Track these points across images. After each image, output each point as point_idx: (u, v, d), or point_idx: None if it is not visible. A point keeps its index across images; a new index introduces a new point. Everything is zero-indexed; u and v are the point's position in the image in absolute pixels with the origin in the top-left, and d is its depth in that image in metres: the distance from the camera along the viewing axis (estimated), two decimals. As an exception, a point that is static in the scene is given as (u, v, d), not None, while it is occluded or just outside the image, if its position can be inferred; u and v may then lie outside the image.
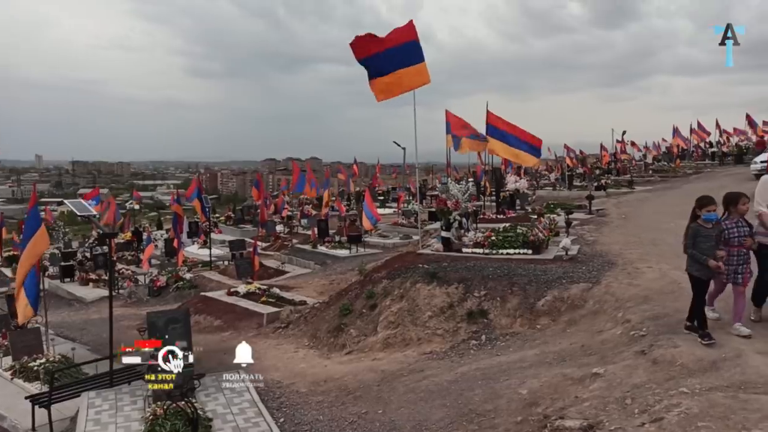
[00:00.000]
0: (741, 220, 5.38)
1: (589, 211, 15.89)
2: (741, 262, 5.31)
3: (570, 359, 6.02)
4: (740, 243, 5.28)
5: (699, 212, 5.24)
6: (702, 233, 5.20)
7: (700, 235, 5.20)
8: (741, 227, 5.34)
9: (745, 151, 34.02)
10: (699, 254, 5.16)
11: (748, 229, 5.36)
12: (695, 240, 5.22)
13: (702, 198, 5.32)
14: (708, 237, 5.17)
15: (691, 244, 5.25)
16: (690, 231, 5.30)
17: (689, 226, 5.33)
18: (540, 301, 7.72)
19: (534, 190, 23.44)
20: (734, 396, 4.05)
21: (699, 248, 5.18)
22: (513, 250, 9.59)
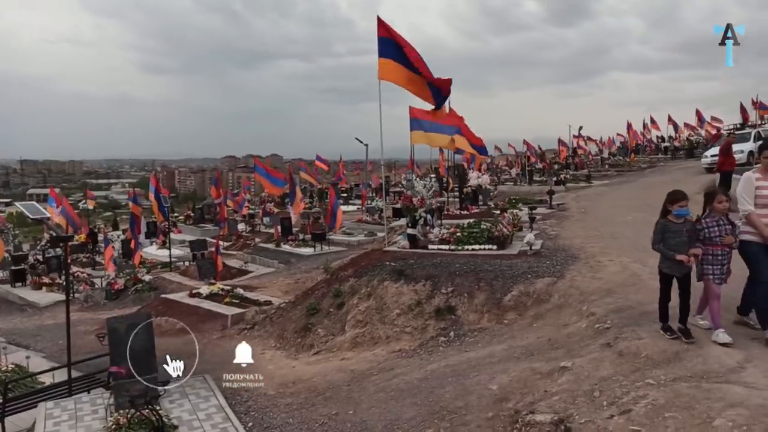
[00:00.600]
0: (722, 219, 5.12)
1: (550, 206, 16.19)
2: (725, 262, 5.09)
3: (538, 353, 6.10)
4: (721, 242, 5.05)
5: (670, 207, 5.07)
6: (671, 229, 5.04)
7: (669, 230, 5.05)
8: (723, 225, 5.08)
9: (695, 145, 35.31)
10: (666, 250, 5.05)
11: (729, 228, 5.12)
12: (663, 236, 5.08)
13: (673, 193, 5.16)
14: (677, 233, 5.01)
15: (659, 240, 5.12)
16: (658, 227, 5.16)
17: (658, 221, 5.19)
18: (506, 296, 7.80)
19: (495, 186, 23.78)
20: (698, 386, 4.17)
21: (667, 244, 5.04)
22: (478, 246, 9.67)
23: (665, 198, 5.20)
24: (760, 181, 5.25)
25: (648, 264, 8.19)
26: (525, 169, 29.03)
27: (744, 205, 5.25)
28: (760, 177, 5.28)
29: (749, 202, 5.23)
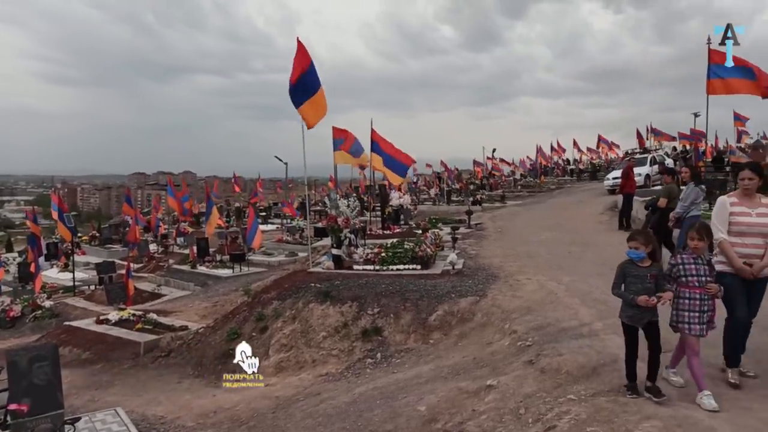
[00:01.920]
0: (701, 258, 4.43)
1: (468, 226, 16.68)
2: (705, 309, 4.32)
3: (464, 372, 6.20)
4: (701, 284, 4.32)
5: (629, 247, 4.44)
6: (632, 272, 4.36)
7: (630, 274, 4.37)
8: (700, 264, 4.38)
9: (598, 168, 37.87)
10: (625, 294, 4.37)
11: (707, 269, 4.39)
12: (624, 280, 4.41)
13: (631, 234, 4.54)
14: (640, 278, 4.31)
15: (619, 284, 4.44)
16: (618, 270, 4.49)
17: (620, 264, 4.52)
18: (432, 316, 7.91)
19: (416, 206, 24.23)
20: (615, 399, 4.39)
21: (629, 291, 4.35)
22: (403, 266, 9.77)
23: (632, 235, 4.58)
24: (735, 206, 4.74)
25: (563, 282, 8.64)
26: (443, 189, 29.81)
27: (716, 233, 4.69)
28: (736, 202, 4.78)
29: (722, 229, 4.72)
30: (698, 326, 4.31)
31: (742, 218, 4.63)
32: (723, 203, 4.83)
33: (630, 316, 4.39)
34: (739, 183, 4.86)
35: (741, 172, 4.88)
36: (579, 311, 6.91)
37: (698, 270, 4.36)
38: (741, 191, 4.85)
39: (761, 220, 4.66)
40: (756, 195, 4.80)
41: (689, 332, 4.32)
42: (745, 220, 4.64)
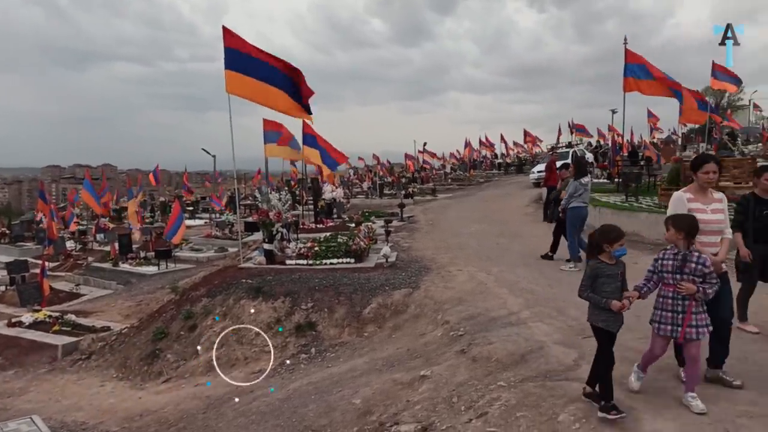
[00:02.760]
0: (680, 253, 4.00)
1: (401, 218, 16.84)
2: (678, 308, 3.96)
3: (398, 364, 6.27)
4: (674, 282, 3.97)
5: (607, 248, 4.02)
6: (604, 272, 4.00)
7: (603, 275, 4.00)
8: (678, 261, 3.99)
9: (524, 162, 39.22)
10: (598, 298, 3.97)
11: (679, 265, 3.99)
12: (594, 282, 4.04)
13: (609, 229, 4.12)
14: (612, 277, 3.99)
15: (588, 286, 4.06)
16: (588, 271, 4.13)
17: (589, 264, 4.20)
18: (366, 309, 7.94)
19: (348, 199, 24.20)
20: (542, 384, 4.57)
21: (600, 292, 3.98)
22: (336, 260, 9.74)
23: (597, 234, 4.15)
24: (692, 203, 4.42)
25: (492, 273, 8.89)
26: (376, 182, 29.94)
27: None
28: (692, 198, 4.45)
29: None
30: (669, 327, 4.00)
31: (699, 215, 4.24)
32: (680, 199, 4.48)
33: (605, 320, 4.02)
34: (700, 177, 4.45)
35: (705, 165, 4.46)
36: (508, 301, 7.14)
37: (674, 266, 4.00)
38: (697, 186, 4.50)
39: (716, 217, 4.42)
40: (708, 190, 4.50)
41: (658, 332, 4.09)
42: (702, 217, 4.26)
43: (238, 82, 10.02)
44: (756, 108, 39.34)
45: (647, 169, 18.54)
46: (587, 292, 4.08)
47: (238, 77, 10.01)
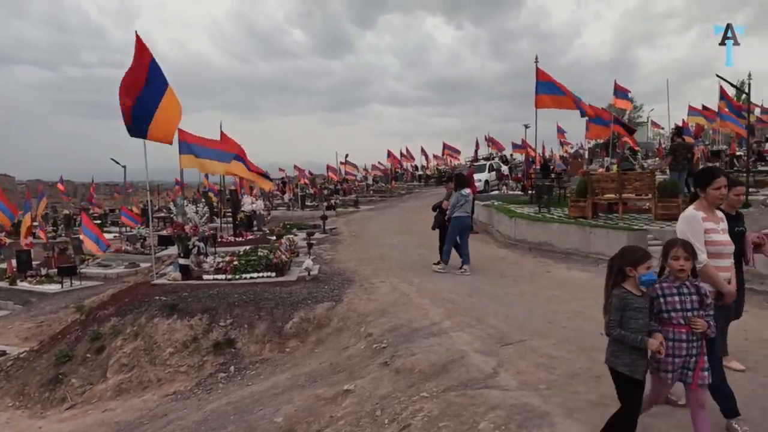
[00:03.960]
0: (686, 284, 3.42)
1: (323, 231, 16.74)
2: (693, 351, 3.36)
3: (321, 379, 6.17)
4: (686, 321, 3.35)
5: (631, 272, 3.31)
6: (632, 304, 3.29)
7: (631, 307, 3.29)
8: (686, 295, 3.40)
9: (444, 174, 40.17)
10: (631, 335, 3.25)
11: (696, 299, 3.39)
12: (623, 315, 3.30)
13: (632, 250, 3.43)
14: (640, 311, 3.30)
15: (618, 322, 3.30)
16: (614, 302, 3.34)
17: (611, 293, 3.40)
18: (288, 324, 7.78)
19: (269, 211, 23.75)
20: (463, 393, 4.65)
21: (626, 328, 3.28)
22: (257, 274, 9.50)
23: (618, 258, 3.43)
24: (707, 222, 3.89)
25: (414, 283, 9.01)
26: (297, 194, 29.60)
27: (699, 254, 3.66)
28: (705, 216, 3.90)
29: (702, 249, 3.76)
30: (679, 372, 3.40)
31: (714, 236, 3.83)
32: (695, 218, 3.87)
33: (629, 363, 3.31)
34: (712, 194, 3.91)
35: (716, 180, 3.92)
36: (429, 311, 7.23)
37: (683, 302, 3.38)
38: (706, 204, 3.95)
39: (726, 238, 3.96)
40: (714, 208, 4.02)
41: (672, 381, 3.44)
42: (715, 238, 3.84)
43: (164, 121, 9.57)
44: (654, 125, 42.47)
45: (558, 181, 19.54)
46: (618, 330, 3.30)
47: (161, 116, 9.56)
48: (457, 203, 10.12)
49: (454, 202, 10.17)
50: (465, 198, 10.15)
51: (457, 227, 10.13)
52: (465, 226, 10.28)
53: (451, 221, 10.20)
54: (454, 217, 10.13)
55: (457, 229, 10.17)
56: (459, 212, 10.11)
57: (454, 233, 10.18)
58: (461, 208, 10.11)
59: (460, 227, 10.17)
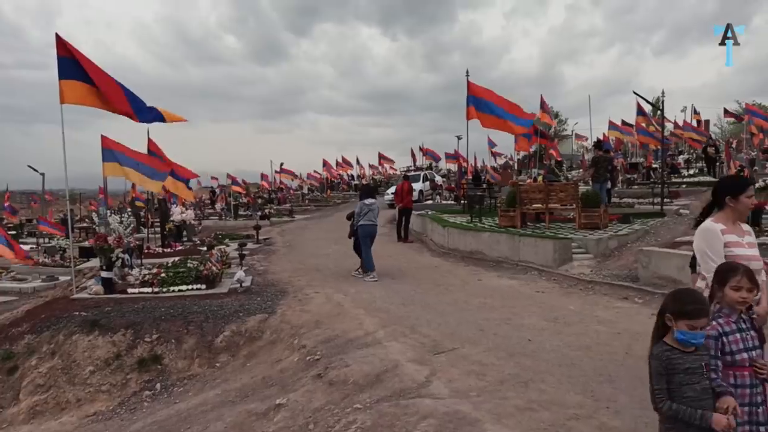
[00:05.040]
0: (743, 318, 2.86)
1: (257, 241, 16.43)
2: (758, 399, 2.78)
3: (253, 394, 6.03)
4: (751, 362, 2.76)
5: (676, 324, 2.59)
6: (681, 365, 2.57)
7: (679, 370, 2.57)
8: (744, 330, 2.83)
9: (379, 183, 40.47)
10: (687, 409, 2.52)
11: (754, 335, 2.87)
12: (670, 381, 2.58)
13: (684, 299, 2.65)
14: (694, 373, 2.58)
15: (665, 392, 2.58)
16: (653, 365, 2.63)
17: (653, 354, 2.67)
18: (218, 338, 7.54)
19: (200, 221, 23.07)
20: (396, 403, 4.67)
21: (680, 398, 2.55)
22: (186, 287, 9.16)
23: (670, 300, 2.70)
24: (728, 235, 3.41)
25: (349, 293, 8.99)
26: (230, 203, 28.92)
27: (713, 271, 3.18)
28: (725, 229, 3.43)
29: None
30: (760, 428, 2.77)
31: (738, 250, 3.36)
32: (714, 231, 3.41)
33: None
34: (744, 201, 3.48)
35: (749, 188, 3.53)
36: (364, 321, 7.23)
37: (745, 340, 2.81)
38: (727, 215, 3.50)
39: (754, 252, 3.45)
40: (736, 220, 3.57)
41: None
42: (740, 252, 3.36)
43: (73, 90, 9.09)
44: (578, 138, 44.59)
45: (489, 192, 20.11)
46: (668, 403, 2.57)
47: (73, 85, 9.10)
48: (360, 212, 10.69)
49: (358, 211, 10.76)
50: (368, 207, 10.71)
51: (364, 235, 10.66)
52: (370, 234, 10.76)
53: (357, 230, 10.74)
54: (360, 226, 10.66)
55: (365, 236, 10.68)
56: (364, 221, 10.66)
57: (364, 241, 10.68)
58: (365, 216, 10.67)
59: (367, 235, 10.68)
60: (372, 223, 10.79)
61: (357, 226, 10.76)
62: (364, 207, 10.72)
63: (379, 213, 11.28)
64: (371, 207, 10.79)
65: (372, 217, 10.80)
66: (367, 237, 10.73)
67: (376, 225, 11.02)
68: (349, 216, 11.55)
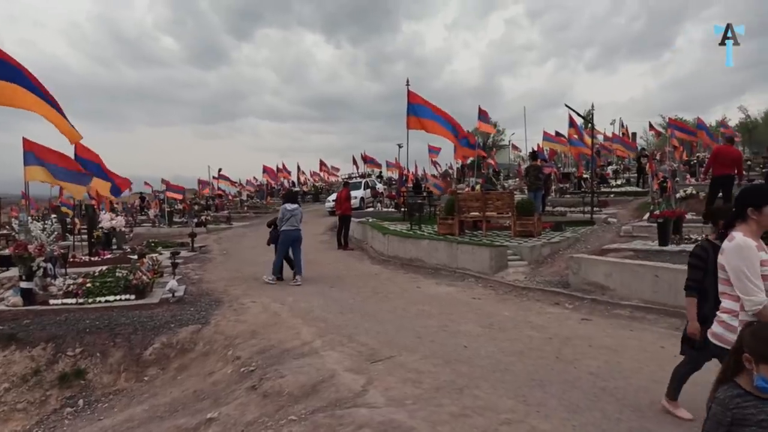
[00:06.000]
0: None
1: (192, 249, 15.93)
2: None
3: (183, 408, 5.80)
4: None
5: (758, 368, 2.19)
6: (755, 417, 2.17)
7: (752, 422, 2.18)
8: None
9: (320, 190, 40.22)
10: None
11: None
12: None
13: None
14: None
15: None
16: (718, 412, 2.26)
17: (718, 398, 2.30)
18: (147, 351, 7.22)
19: (132, 228, 22.15)
20: (332, 414, 4.60)
21: None
22: (113, 297, 8.74)
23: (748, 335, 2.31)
24: (762, 252, 3.06)
25: (286, 302, 8.84)
26: (164, 210, 27.92)
27: (754, 293, 2.90)
28: (758, 245, 3.07)
29: (759, 286, 2.92)
30: None
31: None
32: (751, 248, 3.00)
33: None
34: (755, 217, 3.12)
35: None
36: (301, 331, 7.12)
37: None
38: (754, 228, 3.13)
39: None
40: None
41: None
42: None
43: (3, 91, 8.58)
44: (514, 148, 45.91)
45: (429, 199, 20.37)
46: None
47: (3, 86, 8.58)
48: (283, 218, 10.77)
49: (280, 217, 10.86)
50: (290, 212, 10.81)
51: (285, 240, 10.73)
52: (293, 239, 10.84)
53: (280, 235, 10.80)
54: (282, 231, 10.74)
55: (287, 242, 10.76)
56: (286, 226, 10.74)
57: (283, 246, 10.77)
58: (288, 222, 10.75)
59: (289, 240, 10.76)
60: (295, 228, 10.87)
61: (280, 231, 10.81)
62: (287, 212, 10.79)
63: (302, 218, 11.34)
64: (294, 212, 10.87)
65: (295, 222, 10.87)
66: (290, 242, 10.79)
67: (300, 230, 11.09)
68: (269, 223, 11.67)
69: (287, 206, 10.93)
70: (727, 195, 11.23)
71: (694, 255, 4.20)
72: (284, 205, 11.07)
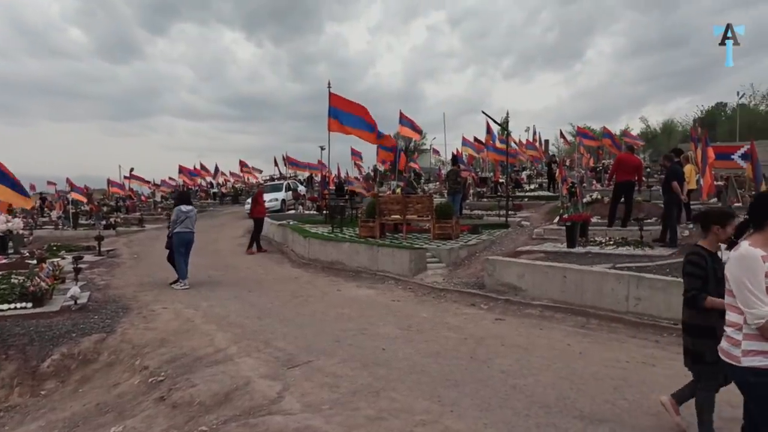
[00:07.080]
0: None
1: (98, 253, 15.03)
2: None
3: (84, 423, 5.42)
4: None
5: None
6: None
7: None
8: None
9: (240, 192, 39.25)
10: None
11: None
12: None
13: None
14: None
15: None
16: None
17: None
18: (45, 362, 6.70)
19: (31, 231, 20.57)
20: (245, 422, 4.46)
21: None
22: (7, 306, 8.05)
23: None
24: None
25: (200, 308, 8.52)
26: (69, 211, 26.15)
27: (756, 305, 2.77)
28: (765, 255, 2.83)
29: (762, 298, 2.78)
30: None
31: None
32: (754, 257, 2.82)
33: None
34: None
35: None
36: (215, 337, 6.88)
37: None
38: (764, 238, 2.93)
39: None
40: None
41: None
42: None
43: None
44: (435, 152, 46.90)
45: (351, 202, 20.37)
46: None
47: None
48: (177, 219, 10.50)
49: (174, 218, 10.59)
50: (186, 214, 10.54)
51: (180, 242, 10.42)
52: (186, 241, 10.55)
53: (173, 237, 10.52)
54: (176, 233, 10.44)
55: (182, 244, 10.45)
56: (180, 228, 10.46)
57: (178, 248, 10.43)
58: (182, 223, 10.48)
59: (183, 242, 10.46)
60: (189, 230, 10.59)
61: (173, 233, 10.51)
62: (181, 214, 10.51)
63: (196, 220, 11.04)
64: (188, 214, 10.59)
65: (189, 225, 10.61)
66: (184, 244, 10.50)
67: (193, 232, 10.79)
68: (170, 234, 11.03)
69: (182, 208, 10.59)
70: (629, 200, 12.07)
71: (690, 262, 3.81)
72: (179, 206, 10.70)
